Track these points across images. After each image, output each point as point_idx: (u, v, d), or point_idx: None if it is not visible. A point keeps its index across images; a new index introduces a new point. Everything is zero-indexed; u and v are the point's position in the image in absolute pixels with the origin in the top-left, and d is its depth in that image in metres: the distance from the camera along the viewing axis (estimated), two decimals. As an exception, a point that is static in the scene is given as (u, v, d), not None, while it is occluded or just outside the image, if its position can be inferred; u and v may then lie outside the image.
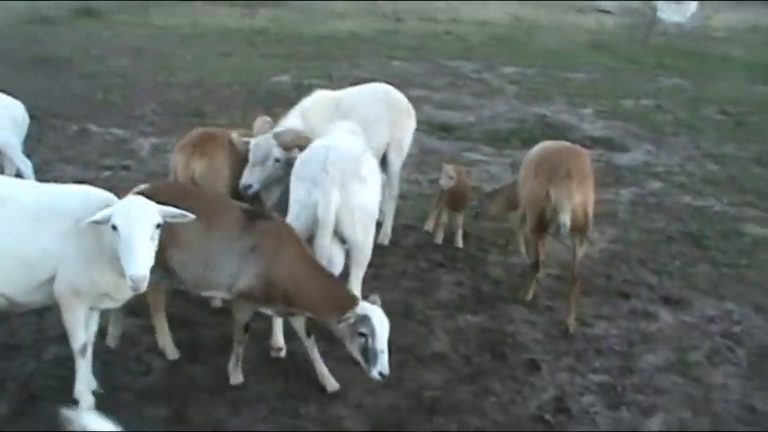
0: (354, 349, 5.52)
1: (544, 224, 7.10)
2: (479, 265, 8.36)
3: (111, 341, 6.47)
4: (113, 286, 5.33)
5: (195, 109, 14.11)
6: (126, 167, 10.91)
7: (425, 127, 12.78)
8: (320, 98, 8.30)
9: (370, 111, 8.39)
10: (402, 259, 8.38)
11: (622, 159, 12.51)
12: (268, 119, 7.75)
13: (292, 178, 6.49)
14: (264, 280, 5.63)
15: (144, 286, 4.89)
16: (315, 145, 6.64)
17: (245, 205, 6.08)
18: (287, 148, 7.13)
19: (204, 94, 15.54)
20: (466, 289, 7.83)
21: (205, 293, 6.10)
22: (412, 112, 8.83)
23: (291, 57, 19.53)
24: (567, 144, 7.87)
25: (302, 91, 8.63)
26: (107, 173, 10.59)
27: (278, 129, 7.40)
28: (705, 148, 13.47)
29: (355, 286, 6.51)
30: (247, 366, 6.31)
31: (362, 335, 5.43)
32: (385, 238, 8.61)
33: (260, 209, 6.18)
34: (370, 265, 7.84)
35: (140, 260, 4.86)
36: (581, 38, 25.09)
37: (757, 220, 10.26)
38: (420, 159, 11.55)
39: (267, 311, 6.00)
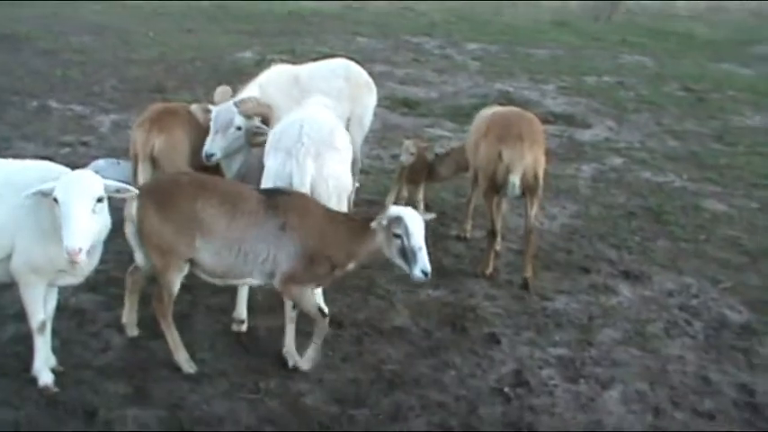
0: (394, 254, 5.53)
1: (496, 185, 7.36)
2: (440, 239, 8.36)
3: (130, 330, 6.36)
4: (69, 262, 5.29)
5: (156, 85, 13.99)
6: (85, 144, 10.80)
7: (388, 103, 12.80)
8: (279, 72, 8.26)
9: (331, 86, 8.35)
10: (363, 235, 8.36)
11: (584, 135, 12.58)
12: (228, 88, 7.70)
13: (267, 150, 6.51)
14: (305, 255, 5.61)
15: (80, 259, 4.86)
16: (290, 117, 6.68)
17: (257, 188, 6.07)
18: (248, 116, 7.10)
19: (166, 70, 15.41)
20: (427, 264, 7.84)
21: (235, 282, 6.02)
22: (373, 87, 8.80)
23: (255, 33, 19.43)
24: (517, 109, 8.31)
25: (265, 66, 8.54)
26: (66, 149, 10.47)
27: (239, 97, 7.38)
28: (666, 125, 13.58)
29: None
30: (207, 342, 6.30)
31: (397, 236, 5.43)
32: (347, 214, 8.58)
33: (279, 188, 6.06)
34: (332, 241, 7.88)
35: (77, 232, 4.86)
36: (544, 15, 25.11)
37: (716, 195, 10.36)
38: (382, 135, 11.54)
39: (318, 288, 6.02)
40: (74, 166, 5.64)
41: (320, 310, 5.91)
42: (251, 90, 7.82)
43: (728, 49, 21.69)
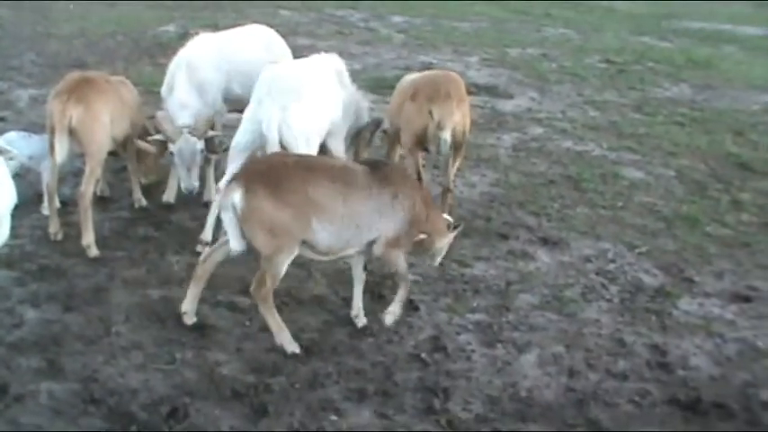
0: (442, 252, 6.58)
1: (423, 142, 7.72)
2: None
3: (190, 318, 6.19)
4: None
5: (76, 60, 13.70)
6: (2, 119, 10.56)
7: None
8: (203, 46, 8.17)
9: (250, 52, 8.33)
10: (284, 205, 8.32)
11: (506, 106, 12.67)
12: (167, 114, 7.74)
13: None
14: (409, 220, 6.01)
15: None
16: (267, 69, 7.38)
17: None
18: (202, 136, 7.51)
19: (86, 45, 15.13)
20: (347, 233, 7.83)
21: (339, 255, 6.05)
22: (290, 55, 8.79)
23: (178, 7, 19.14)
24: (442, 71, 8.78)
25: (188, 40, 8.42)
26: (-18, 124, 10.23)
27: (184, 116, 7.72)
28: (587, 96, 13.75)
29: None
30: (122, 314, 6.23)
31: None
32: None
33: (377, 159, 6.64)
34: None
35: None
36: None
37: (635, 163, 10.53)
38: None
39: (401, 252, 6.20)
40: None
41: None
42: (180, 72, 7.87)
43: (649, 22, 22.03)
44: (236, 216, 5.60)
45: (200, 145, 7.49)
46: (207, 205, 8.05)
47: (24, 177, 8.17)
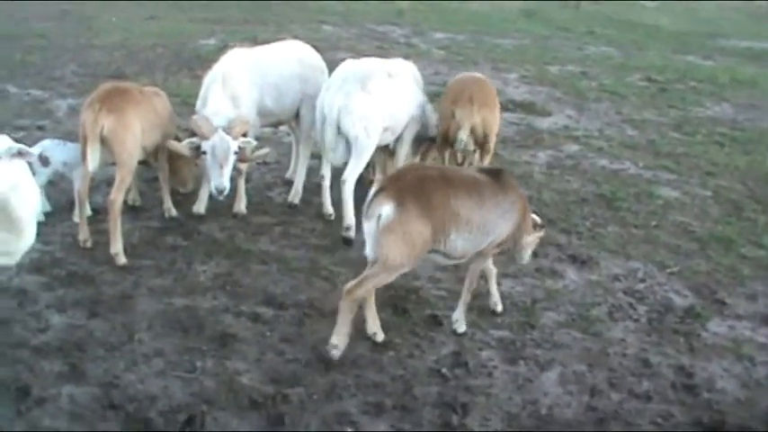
0: (529, 251, 6.69)
1: (449, 140, 8.41)
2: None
3: (375, 336, 6.29)
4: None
5: (116, 70, 13.87)
6: (41, 128, 10.71)
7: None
8: (238, 59, 8.24)
9: (284, 67, 8.41)
10: (312, 218, 8.36)
11: (543, 123, 12.61)
12: (208, 115, 7.77)
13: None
14: (516, 226, 6.28)
15: None
16: (347, 62, 8.26)
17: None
18: (236, 138, 7.56)
19: (127, 56, 15.31)
20: (374, 247, 7.83)
21: (464, 260, 6.30)
22: (325, 69, 8.84)
23: (219, 21, 19.33)
24: (476, 74, 9.37)
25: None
26: (21, 133, 10.34)
27: (217, 121, 7.70)
28: (626, 114, 13.64)
29: (350, 175, 7.91)
30: (146, 322, 6.26)
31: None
32: (296, 197, 8.59)
33: (497, 168, 6.88)
34: (280, 223, 7.93)
35: None
36: (513, 4, 25.13)
37: (670, 183, 10.42)
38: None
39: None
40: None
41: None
42: (215, 84, 7.94)
43: (694, 41, 21.84)
44: (377, 226, 5.73)
45: (235, 146, 7.50)
46: (236, 216, 8.13)
47: (58, 185, 8.30)
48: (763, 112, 14.69)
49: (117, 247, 7.13)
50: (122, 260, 7.11)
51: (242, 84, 8.02)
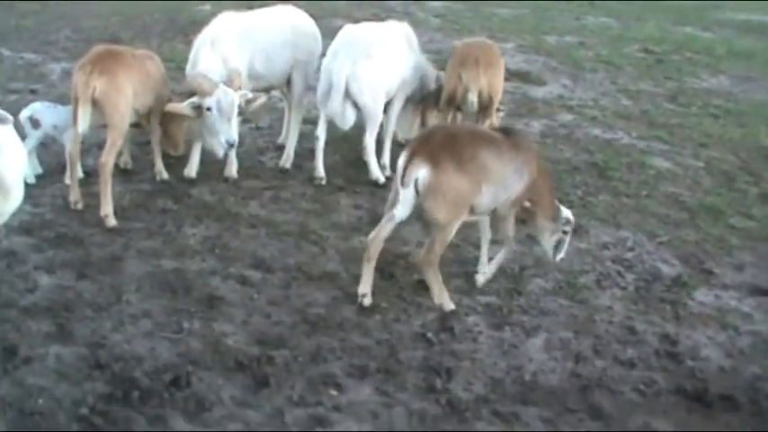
0: (552, 241, 6.70)
1: (454, 101, 8.72)
2: (380, 188, 8.36)
3: (366, 301, 6.32)
4: None
5: (111, 35, 13.80)
6: (34, 91, 10.72)
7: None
8: (228, 24, 8.20)
9: (275, 32, 8.41)
10: (303, 182, 8.38)
11: (538, 92, 12.58)
12: (203, 73, 7.73)
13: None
14: (528, 184, 6.39)
15: None
16: (348, 28, 8.51)
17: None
18: (237, 90, 7.61)
19: (122, 21, 15.28)
20: (363, 212, 7.87)
21: (481, 216, 6.53)
22: (318, 36, 8.83)
23: (218, -15, 19.16)
24: (482, 39, 9.85)
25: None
26: (14, 96, 10.38)
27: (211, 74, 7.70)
28: (621, 84, 13.61)
29: (368, 139, 8.35)
30: (134, 284, 6.29)
31: (564, 232, 6.63)
32: (287, 162, 8.60)
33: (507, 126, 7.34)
34: (271, 187, 7.95)
35: None
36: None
37: (663, 153, 10.42)
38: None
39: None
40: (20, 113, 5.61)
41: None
42: (204, 47, 7.96)
43: (693, 13, 21.73)
44: (416, 189, 5.93)
45: (238, 98, 7.49)
46: (227, 180, 8.14)
47: (50, 147, 8.30)
48: (758, 84, 14.66)
49: (107, 208, 7.15)
50: (112, 222, 7.13)
51: (231, 46, 8.03)
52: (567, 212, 6.69)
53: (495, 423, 5.16)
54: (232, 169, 8.24)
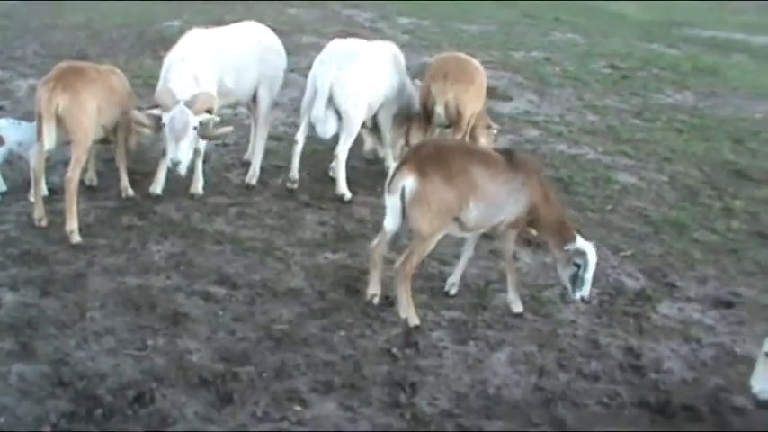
0: (565, 274, 6.48)
1: (428, 115, 8.93)
2: (345, 205, 8.40)
3: (376, 300, 6.60)
4: None
5: (79, 51, 13.75)
6: (0, 107, 10.63)
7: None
8: (197, 40, 8.22)
9: (242, 48, 8.47)
10: (269, 198, 8.39)
11: (504, 108, 12.65)
12: (171, 89, 7.70)
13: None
14: (528, 208, 6.43)
15: None
16: (336, 41, 8.85)
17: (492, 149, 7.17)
18: (198, 113, 7.49)
19: (90, 37, 15.24)
20: (329, 228, 7.89)
21: (477, 232, 6.68)
22: (282, 51, 8.95)
23: (186, 2, 19.15)
24: (457, 54, 9.80)
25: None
26: (-21, 113, 10.30)
27: (179, 94, 7.61)
28: (587, 100, 13.72)
29: (341, 147, 8.39)
30: (98, 300, 6.26)
31: (576, 265, 6.34)
32: (252, 178, 8.61)
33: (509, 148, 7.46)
34: (236, 203, 7.94)
35: None
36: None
37: (628, 168, 10.52)
38: (300, 103, 11.46)
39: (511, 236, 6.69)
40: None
41: (513, 252, 6.84)
42: (176, 64, 7.93)
43: (659, 29, 21.96)
44: (402, 199, 6.11)
45: (195, 121, 7.45)
46: (192, 197, 8.13)
47: (14, 164, 8.25)
48: (722, 100, 14.83)
49: (72, 224, 7.14)
50: (77, 238, 7.11)
51: (202, 63, 8.01)
52: (582, 244, 6.42)
53: (460, 438, 5.18)
54: (198, 186, 8.22)
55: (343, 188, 8.51)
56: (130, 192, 8.08)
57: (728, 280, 7.76)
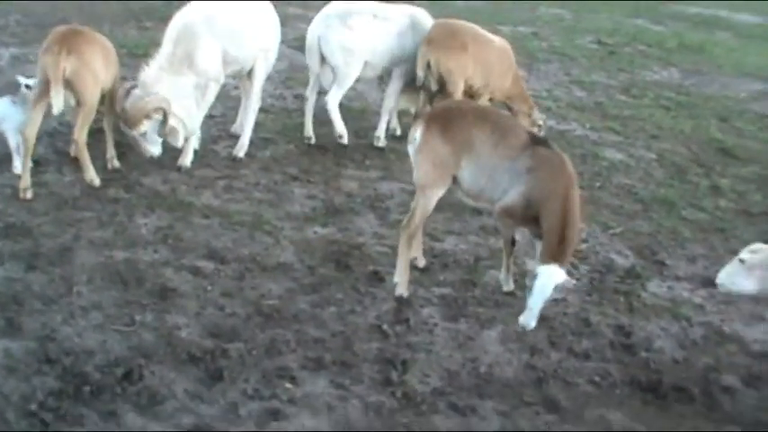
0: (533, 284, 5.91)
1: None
2: (334, 178, 8.33)
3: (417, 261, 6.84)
4: None
5: (62, 20, 13.39)
6: (-20, 77, 10.45)
7: (297, 44, 12.54)
8: (189, 20, 8.03)
9: (237, 21, 8.30)
10: (257, 171, 8.27)
11: (491, 83, 12.53)
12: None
13: None
14: (526, 199, 6.08)
15: None
16: (336, 1, 9.16)
17: (533, 131, 6.97)
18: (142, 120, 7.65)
19: (74, 6, 14.94)
20: (317, 202, 7.80)
21: (478, 204, 6.78)
22: (278, 23, 8.81)
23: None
24: (457, 21, 9.65)
25: (176, 6, 8.31)
26: (-39, 82, 10.13)
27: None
28: (575, 75, 13.67)
29: (331, 96, 8.90)
30: (85, 275, 6.17)
31: (529, 287, 5.84)
32: (240, 151, 8.49)
33: (545, 137, 6.91)
34: (224, 177, 7.84)
35: None
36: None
37: (616, 145, 10.48)
38: (288, 75, 11.37)
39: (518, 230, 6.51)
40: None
41: (512, 239, 6.57)
42: (164, 50, 7.90)
43: (645, 5, 21.87)
44: (414, 148, 6.36)
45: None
46: (179, 170, 8.02)
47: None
48: (708, 77, 14.81)
49: (90, 173, 7.48)
50: (97, 181, 7.49)
51: (198, 44, 7.92)
52: (540, 267, 5.82)
53: (452, 416, 5.16)
54: (186, 159, 8.10)
55: (340, 128, 8.97)
56: (116, 163, 7.96)
57: (717, 259, 7.73)
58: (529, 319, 5.78)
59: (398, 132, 9.67)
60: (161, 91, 7.64)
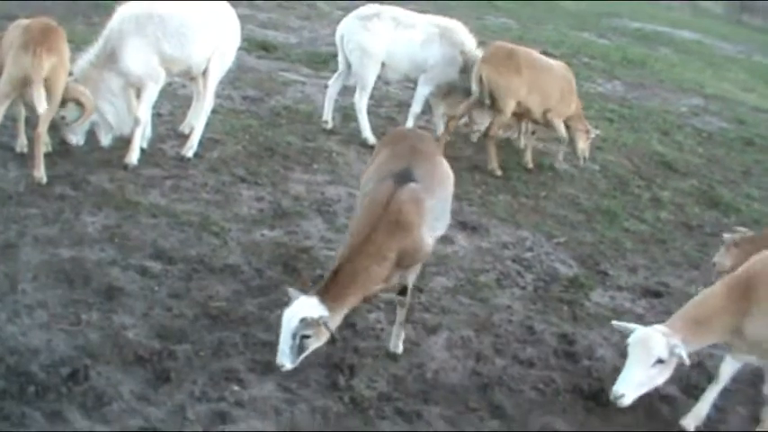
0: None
1: None
2: (282, 181, 8.31)
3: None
4: None
5: (6, 15, 13.28)
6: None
7: (246, 45, 12.45)
8: (130, 14, 7.95)
9: (177, 21, 8.12)
10: (205, 172, 8.20)
11: (439, 91, 12.61)
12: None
13: None
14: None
15: None
16: (367, 5, 9.89)
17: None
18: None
19: (20, 1, 14.72)
20: (265, 204, 7.78)
21: None
22: (238, 26, 8.78)
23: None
24: (507, 44, 10.32)
25: (124, 3, 8.21)
26: None
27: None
28: (521, 85, 13.76)
29: (357, 97, 9.79)
30: (30, 273, 6.07)
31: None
32: (189, 151, 8.41)
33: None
34: (172, 176, 7.79)
35: None
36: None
37: (563, 155, 10.58)
38: (236, 76, 11.28)
39: None
40: None
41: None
42: (96, 45, 7.92)
43: (591, 19, 22.27)
44: None
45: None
46: (126, 168, 7.94)
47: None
48: (650, 91, 15.13)
49: (41, 171, 7.38)
50: (44, 179, 7.38)
51: (134, 41, 7.85)
52: (294, 296, 5.23)
53: (398, 422, 5.20)
54: (132, 156, 8.01)
55: (366, 133, 9.81)
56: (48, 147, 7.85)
57: (657, 270, 7.93)
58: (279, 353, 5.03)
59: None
60: (87, 86, 7.66)
